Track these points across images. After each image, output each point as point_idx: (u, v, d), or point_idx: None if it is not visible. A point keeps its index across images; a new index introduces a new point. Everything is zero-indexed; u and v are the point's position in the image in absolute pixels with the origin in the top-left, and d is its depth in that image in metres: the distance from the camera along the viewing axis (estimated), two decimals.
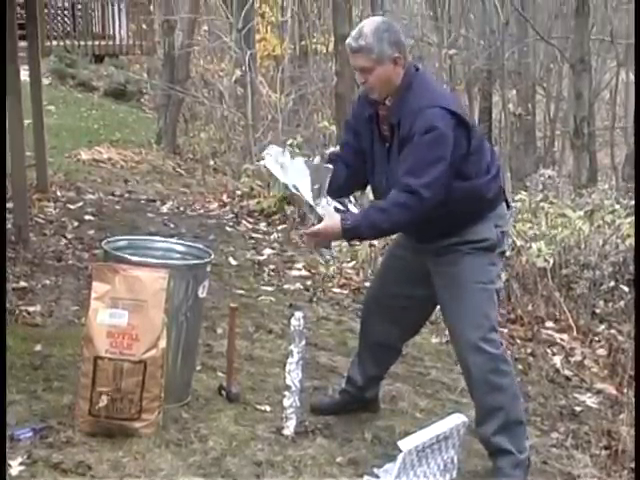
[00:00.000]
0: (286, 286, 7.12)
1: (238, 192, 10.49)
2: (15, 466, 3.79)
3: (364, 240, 4.17)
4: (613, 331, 6.42)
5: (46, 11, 20.45)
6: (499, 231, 4.09)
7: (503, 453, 4.09)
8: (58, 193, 9.84)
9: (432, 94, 3.98)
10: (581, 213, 7.44)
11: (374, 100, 4.10)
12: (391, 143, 4.04)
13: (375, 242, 4.84)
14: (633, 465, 4.33)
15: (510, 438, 4.08)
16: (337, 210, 4.09)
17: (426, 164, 3.85)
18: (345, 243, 4.67)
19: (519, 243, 6.99)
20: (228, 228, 9.18)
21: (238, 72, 12.98)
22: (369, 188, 4.40)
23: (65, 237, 8.05)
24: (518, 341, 6.26)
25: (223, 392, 4.77)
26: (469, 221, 4.05)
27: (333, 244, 4.23)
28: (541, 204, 7.80)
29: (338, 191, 4.16)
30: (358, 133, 4.24)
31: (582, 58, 13.85)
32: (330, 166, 4.12)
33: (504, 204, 4.19)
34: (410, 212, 3.88)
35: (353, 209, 4.15)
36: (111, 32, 22.24)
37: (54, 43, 20.75)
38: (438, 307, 4.37)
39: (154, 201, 10.29)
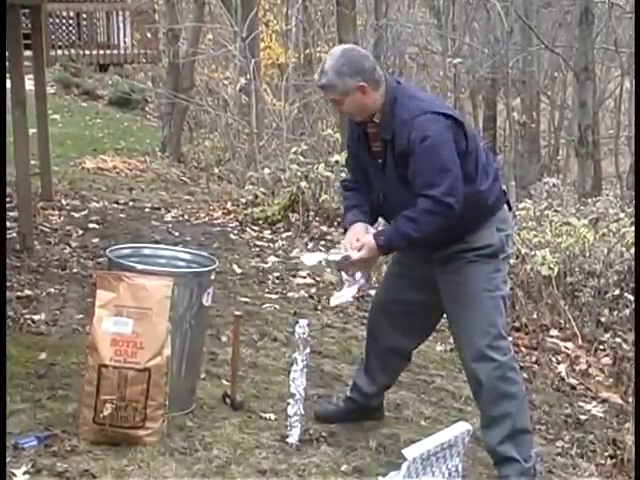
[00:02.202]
0: (290, 294, 7.11)
1: (242, 200, 10.48)
2: (20, 475, 3.79)
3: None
4: (618, 340, 6.41)
5: (51, 20, 20.50)
6: (503, 235, 4.08)
7: (509, 461, 4.07)
8: (63, 201, 9.84)
9: (420, 102, 4.00)
10: (586, 221, 7.44)
11: (360, 120, 4.15)
12: (384, 159, 4.07)
13: None
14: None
15: (516, 446, 4.07)
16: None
17: (437, 172, 3.88)
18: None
19: (524, 251, 6.99)
20: (232, 236, 9.17)
21: (242, 80, 12.97)
22: None
23: (69, 245, 8.05)
24: (523, 349, 6.25)
25: (227, 400, 4.76)
26: (471, 227, 4.05)
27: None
28: (545, 212, 7.81)
29: (373, 215, 4.26)
30: (358, 154, 4.29)
31: (586, 67, 13.87)
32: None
33: (506, 207, 4.18)
34: (440, 219, 3.91)
35: None
36: (115, 41, 22.27)
37: (59, 52, 20.80)
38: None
39: (158, 209, 10.28)
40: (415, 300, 4.34)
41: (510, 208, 4.30)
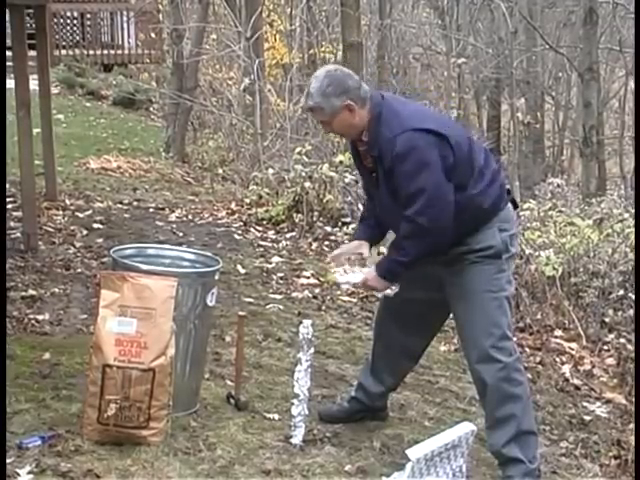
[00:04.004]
0: (295, 294, 7.11)
1: (247, 200, 10.48)
2: (24, 475, 3.79)
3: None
4: (622, 340, 6.40)
5: (55, 21, 20.56)
6: (506, 235, 4.08)
7: (513, 462, 4.07)
8: (67, 201, 9.85)
9: (401, 119, 4.01)
10: (590, 222, 7.43)
11: (351, 139, 4.26)
12: (377, 174, 4.12)
13: (383, 249, 4.86)
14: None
15: (521, 448, 4.07)
16: None
17: (412, 192, 3.95)
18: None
19: (528, 251, 6.98)
20: (237, 236, 9.17)
21: (247, 81, 12.98)
22: None
23: (74, 245, 8.05)
24: (527, 350, 6.24)
25: (231, 400, 4.76)
26: (472, 230, 4.06)
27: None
28: (550, 213, 7.80)
29: (380, 227, 4.41)
30: (359, 169, 4.42)
31: (591, 67, 13.86)
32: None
33: (509, 206, 4.18)
34: (418, 240, 4.01)
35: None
36: (120, 41, 22.31)
37: (63, 52, 20.84)
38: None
39: (163, 209, 10.29)
40: (422, 299, 4.35)
41: (516, 206, 4.29)
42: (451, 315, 4.38)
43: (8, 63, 7.52)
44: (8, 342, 5.42)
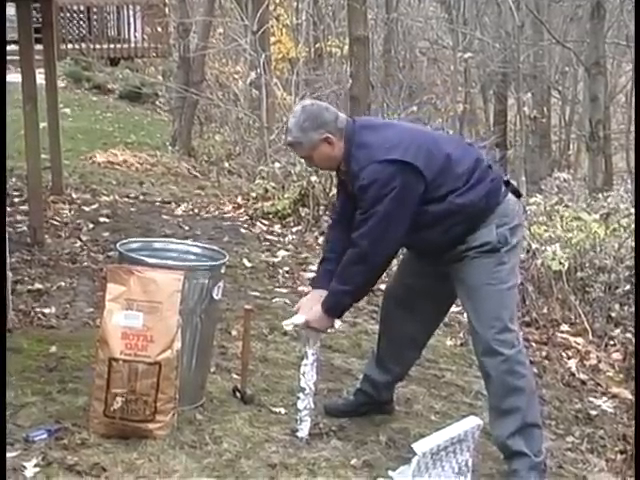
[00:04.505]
0: (301, 288, 7.10)
1: (253, 194, 10.48)
2: (30, 468, 3.80)
3: (350, 306, 4.32)
4: (629, 335, 6.38)
5: (61, 15, 20.55)
6: (505, 229, 4.08)
7: (519, 456, 4.07)
8: (73, 195, 9.86)
9: (368, 150, 4.08)
10: (596, 216, 7.42)
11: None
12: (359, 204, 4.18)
13: None
14: None
15: (526, 441, 4.07)
16: None
17: (362, 218, 4.06)
18: None
19: (534, 246, 6.97)
20: (243, 230, 9.18)
21: (253, 74, 12.97)
22: None
23: (80, 239, 8.07)
24: (533, 344, 6.23)
25: (237, 394, 4.77)
26: (471, 230, 4.09)
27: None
28: (556, 207, 7.78)
29: None
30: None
31: (597, 61, 13.84)
32: None
33: (509, 198, 4.18)
34: (358, 266, 4.10)
35: None
36: (126, 35, 22.32)
37: (69, 46, 20.85)
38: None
39: (169, 203, 10.30)
40: (427, 289, 4.37)
41: (519, 196, 4.30)
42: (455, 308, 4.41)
43: (15, 57, 7.53)
44: (15, 335, 5.44)
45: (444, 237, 4.11)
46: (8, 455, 3.88)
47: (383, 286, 5.00)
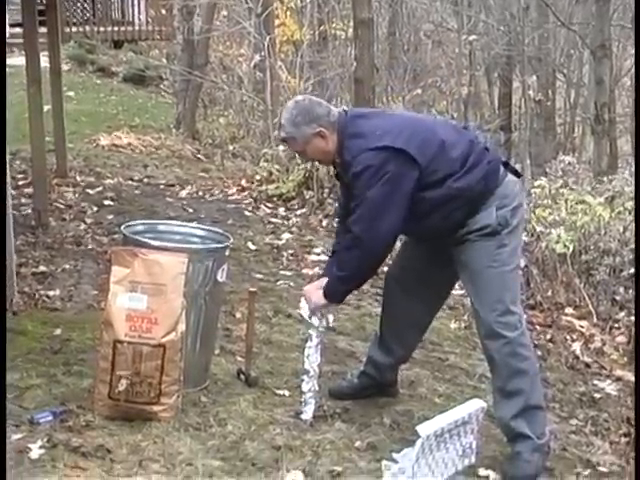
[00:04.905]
0: (305, 271, 7.11)
1: (257, 177, 10.48)
2: (35, 449, 3.82)
3: (352, 290, 4.34)
4: (633, 318, 6.38)
5: None
6: (505, 210, 4.08)
7: (522, 438, 4.08)
8: (77, 178, 9.87)
9: (360, 139, 4.09)
10: (601, 199, 7.39)
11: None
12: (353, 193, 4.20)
13: None
14: None
15: (529, 423, 4.08)
16: None
17: (356, 204, 4.08)
18: None
19: (539, 229, 6.96)
20: (247, 213, 9.18)
21: (257, 57, 12.93)
22: None
23: (84, 222, 8.08)
24: (537, 327, 6.24)
25: (242, 376, 4.78)
26: (471, 213, 4.09)
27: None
28: (561, 190, 7.75)
29: None
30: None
31: (603, 44, 13.76)
32: None
33: (508, 179, 4.17)
34: (352, 252, 4.12)
35: None
36: (130, 18, 22.23)
37: (73, 29, 20.76)
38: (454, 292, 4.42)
39: (173, 186, 10.30)
40: (430, 271, 4.39)
41: (519, 175, 4.30)
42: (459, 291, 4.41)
43: (19, 40, 7.52)
44: (20, 318, 5.46)
45: (444, 223, 4.11)
46: (13, 437, 3.91)
47: (387, 269, 5.00)
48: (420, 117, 4.98)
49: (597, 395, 5.23)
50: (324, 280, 4.33)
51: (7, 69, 5.74)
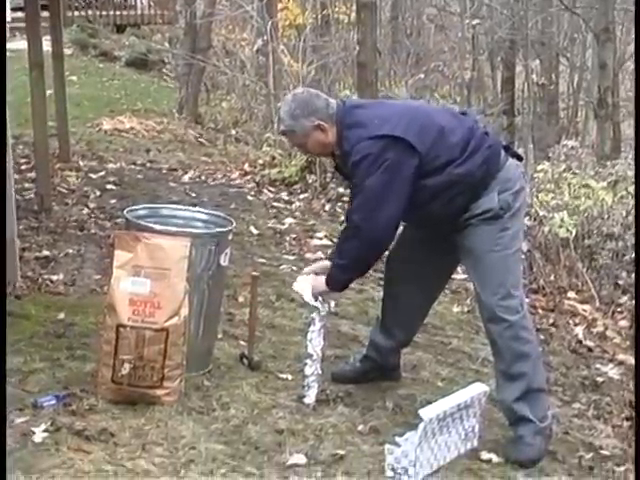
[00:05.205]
0: (307, 255, 7.11)
1: (260, 161, 10.47)
2: (39, 433, 3.83)
3: (355, 279, 4.38)
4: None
5: None
6: (507, 194, 4.08)
7: (524, 421, 4.09)
8: (80, 163, 9.86)
9: (358, 129, 4.09)
10: (604, 184, 7.39)
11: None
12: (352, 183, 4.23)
13: None
14: None
15: (531, 406, 4.09)
16: None
17: (355, 193, 4.10)
18: None
19: (542, 213, 6.96)
20: (250, 197, 9.18)
21: (260, 41, 12.92)
22: None
23: (87, 206, 8.08)
24: (540, 311, 6.24)
25: (244, 360, 4.79)
26: (473, 198, 4.09)
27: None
28: (564, 174, 7.75)
29: None
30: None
31: (606, 28, 13.71)
32: None
33: (509, 163, 4.17)
34: (351, 241, 4.14)
35: None
36: (132, 2, 22.19)
37: (76, 13, 20.72)
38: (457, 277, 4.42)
39: (176, 170, 10.29)
40: (428, 254, 4.39)
41: (520, 159, 4.31)
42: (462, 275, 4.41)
43: (21, 24, 7.51)
44: (23, 302, 5.46)
45: (446, 209, 4.11)
46: (17, 420, 3.92)
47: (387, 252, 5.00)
48: (418, 105, 5.00)
49: (599, 379, 5.24)
50: (321, 264, 4.37)
51: (9, 53, 5.73)
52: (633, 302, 6.39)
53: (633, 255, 6.72)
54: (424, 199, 4.07)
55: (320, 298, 4.34)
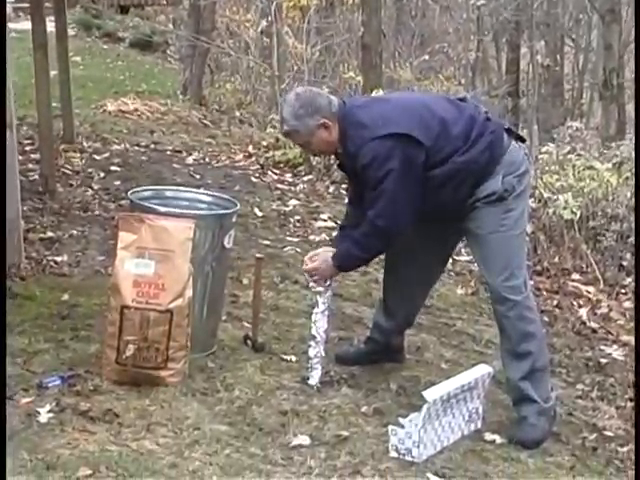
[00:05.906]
0: (311, 237, 7.12)
1: (264, 143, 10.46)
2: (44, 413, 3.83)
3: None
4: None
5: None
6: (511, 177, 4.09)
7: (527, 402, 4.10)
8: (84, 144, 9.85)
9: (363, 130, 4.09)
10: (609, 165, 7.38)
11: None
12: (357, 180, 4.27)
13: None
14: None
15: (535, 387, 4.10)
16: None
17: (374, 196, 4.09)
18: None
19: (546, 195, 6.96)
20: (254, 179, 9.18)
21: (264, 23, 12.90)
22: None
23: (91, 188, 8.07)
24: (544, 293, 6.25)
25: (249, 342, 4.79)
26: (475, 185, 4.10)
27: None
28: (568, 156, 7.75)
29: None
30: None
31: (612, 9, 13.67)
32: None
33: (513, 146, 4.17)
34: (376, 239, 4.19)
35: None
36: None
37: None
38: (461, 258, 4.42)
39: (180, 152, 10.29)
40: (429, 235, 4.37)
41: (523, 141, 4.35)
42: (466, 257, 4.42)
43: (25, 5, 7.49)
44: (27, 283, 5.47)
45: (453, 196, 4.11)
46: (22, 400, 3.93)
47: None
48: (416, 97, 4.99)
49: (603, 360, 5.24)
50: (325, 252, 4.39)
51: (13, 34, 5.72)
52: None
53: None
54: (431, 189, 4.08)
55: (326, 282, 4.35)
